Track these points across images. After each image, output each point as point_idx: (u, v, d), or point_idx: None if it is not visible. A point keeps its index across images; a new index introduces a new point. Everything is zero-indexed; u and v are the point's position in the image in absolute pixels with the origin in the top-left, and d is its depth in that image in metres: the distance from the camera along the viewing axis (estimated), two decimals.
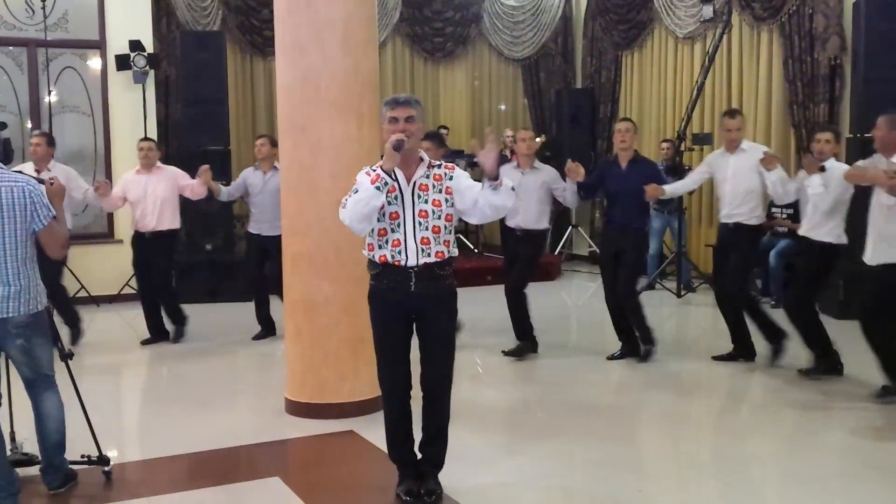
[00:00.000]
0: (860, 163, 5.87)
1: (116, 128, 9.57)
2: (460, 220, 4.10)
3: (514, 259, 6.86)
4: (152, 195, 7.24)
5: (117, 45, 9.50)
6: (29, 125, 9.44)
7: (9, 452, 4.12)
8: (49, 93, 9.42)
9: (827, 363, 5.98)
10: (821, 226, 5.83)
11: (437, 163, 3.92)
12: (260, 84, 11.24)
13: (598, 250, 11.39)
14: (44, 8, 9.10)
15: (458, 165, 4.02)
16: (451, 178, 3.85)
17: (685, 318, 8.61)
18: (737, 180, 6.29)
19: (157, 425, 5.49)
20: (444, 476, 4.05)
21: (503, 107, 12.97)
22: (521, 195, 6.13)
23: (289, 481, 4.26)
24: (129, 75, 9.51)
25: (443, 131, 11.90)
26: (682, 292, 9.33)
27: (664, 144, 9.94)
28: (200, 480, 4.35)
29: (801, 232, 6.02)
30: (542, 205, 6.80)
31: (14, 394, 4.27)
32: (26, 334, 3.85)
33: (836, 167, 5.78)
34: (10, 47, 9.41)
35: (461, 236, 11.43)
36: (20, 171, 4.05)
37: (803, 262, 6.10)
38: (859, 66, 8.12)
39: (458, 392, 5.94)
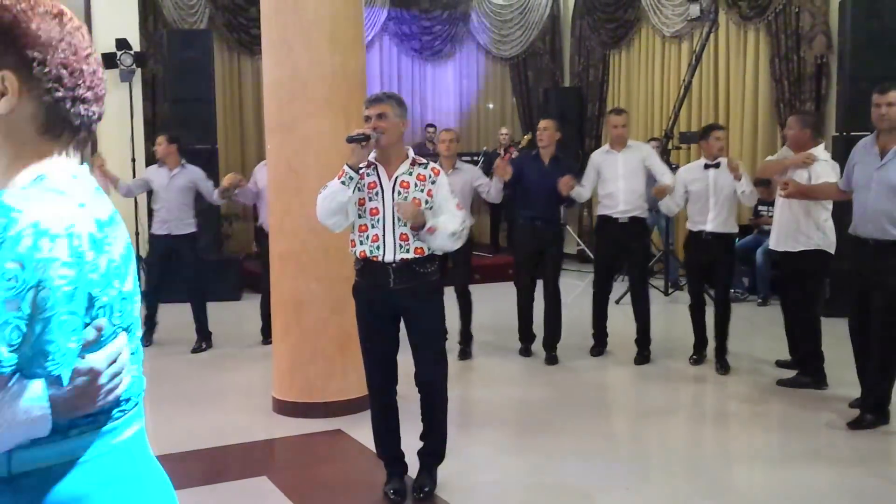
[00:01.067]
0: (769, 158, 6.24)
1: (103, 126, 9.24)
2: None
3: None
4: None
5: (104, 43, 9.44)
6: None
7: None
8: None
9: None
10: (729, 218, 6.10)
11: (424, 161, 3.93)
12: (247, 82, 11.22)
13: (586, 249, 11.42)
14: None
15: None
16: (433, 183, 3.87)
17: (672, 316, 8.62)
18: (629, 177, 6.47)
19: None
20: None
21: (491, 105, 12.98)
22: None
23: (277, 480, 4.25)
24: (116, 74, 9.46)
25: (429, 129, 11.91)
26: (670, 290, 9.35)
27: (651, 143, 9.95)
28: (187, 480, 4.33)
29: (709, 228, 6.07)
30: (466, 204, 6.55)
31: None
32: None
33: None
34: None
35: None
36: None
37: (722, 257, 6.13)
38: (845, 65, 8.15)
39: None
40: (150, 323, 7.11)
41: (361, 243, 3.83)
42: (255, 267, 9.85)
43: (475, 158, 11.66)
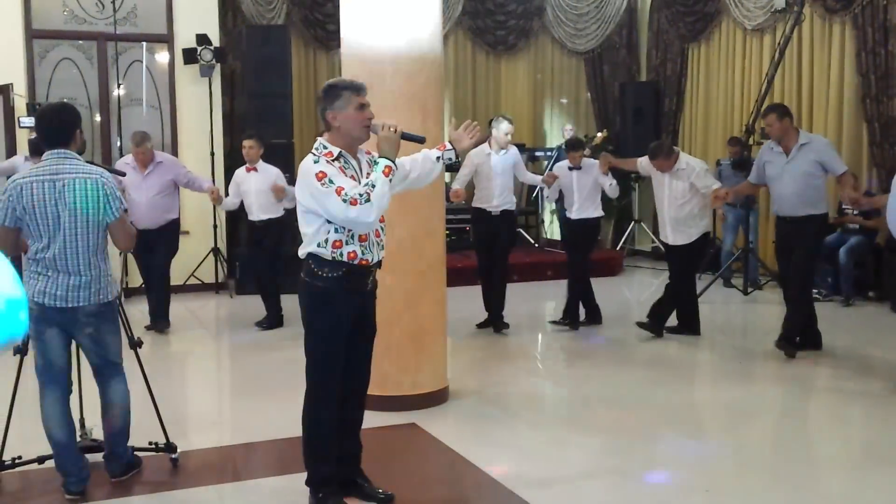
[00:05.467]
0: (642, 160, 7.28)
1: (183, 121, 9.71)
2: (521, 212, 3.98)
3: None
4: None
5: (185, 39, 9.64)
6: (98, 118, 9.64)
7: (78, 439, 4.21)
8: (118, 86, 9.60)
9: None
10: (594, 205, 7.41)
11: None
12: (323, 77, 11.30)
13: (661, 246, 11.25)
14: (113, 2, 9.27)
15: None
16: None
17: (750, 315, 8.44)
18: (505, 177, 7.34)
19: (223, 414, 5.56)
20: (503, 469, 4.04)
21: (565, 100, 12.86)
22: None
23: None
24: (196, 69, 9.64)
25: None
26: (749, 290, 9.13)
27: (731, 149, 9.61)
28: (264, 469, 4.39)
29: (575, 216, 7.44)
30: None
31: (84, 381, 4.35)
32: (96, 323, 3.92)
33: (590, 162, 7.46)
34: (81, 41, 9.60)
35: (521, 230, 11.37)
36: (92, 163, 4.12)
37: (587, 238, 7.50)
38: None
39: (520, 386, 5.92)
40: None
41: (348, 243, 3.60)
42: None
43: (548, 154, 11.60)
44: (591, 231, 7.55)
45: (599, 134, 11.31)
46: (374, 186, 3.50)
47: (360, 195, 3.46)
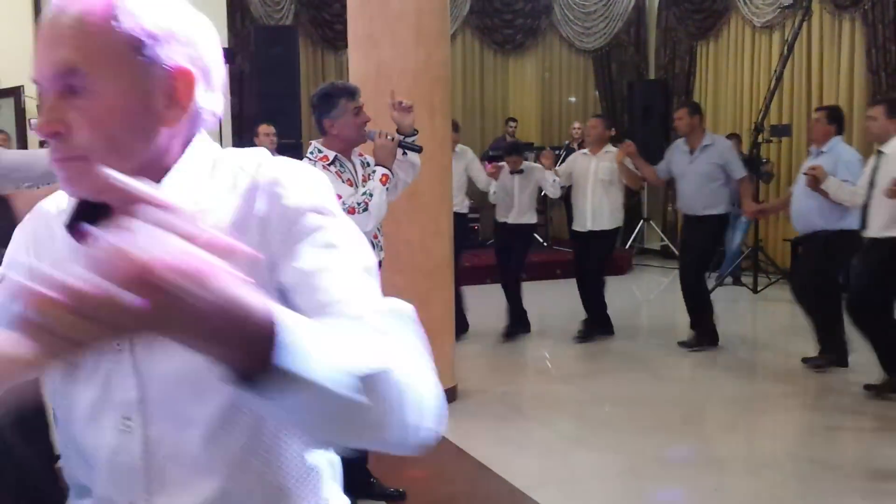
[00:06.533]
0: (562, 167, 7.30)
1: None
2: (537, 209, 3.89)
3: None
4: None
5: None
6: None
7: None
8: None
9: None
10: (532, 210, 7.20)
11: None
12: (331, 78, 11.30)
13: (670, 245, 11.25)
14: None
15: (525, 158, 4.02)
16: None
17: (761, 314, 8.42)
18: (455, 178, 7.14)
19: None
20: (511, 469, 4.00)
21: (573, 99, 12.84)
22: None
23: None
24: None
25: (511, 124, 11.83)
26: (759, 288, 9.09)
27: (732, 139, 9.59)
28: None
29: (513, 220, 7.11)
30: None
31: None
32: None
33: (530, 165, 7.22)
34: None
35: None
36: None
37: (525, 243, 7.23)
38: None
39: (529, 385, 5.94)
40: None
41: None
42: None
43: (557, 153, 11.57)
44: (528, 235, 7.37)
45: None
46: (371, 196, 3.55)
47: (358, 204, 3.51)
